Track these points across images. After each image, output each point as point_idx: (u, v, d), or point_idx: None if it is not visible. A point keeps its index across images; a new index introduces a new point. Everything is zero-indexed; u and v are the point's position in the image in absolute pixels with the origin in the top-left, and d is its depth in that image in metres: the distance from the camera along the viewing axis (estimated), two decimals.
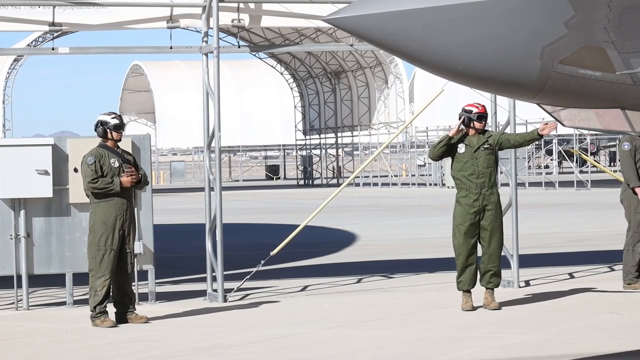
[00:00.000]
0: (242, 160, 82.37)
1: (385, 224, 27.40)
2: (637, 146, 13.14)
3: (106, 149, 11.39)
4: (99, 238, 11.18)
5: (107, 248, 11.16)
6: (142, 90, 78.10)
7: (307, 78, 61.81)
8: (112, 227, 11.18)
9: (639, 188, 13.03)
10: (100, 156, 11.31)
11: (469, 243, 11.73)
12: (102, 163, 11.28)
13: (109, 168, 11.27)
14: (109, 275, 11.18)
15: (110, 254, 11.17)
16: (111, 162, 11.30)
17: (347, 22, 5.92)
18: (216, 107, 13.08)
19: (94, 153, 11.35)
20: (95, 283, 11.18)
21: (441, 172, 52.26)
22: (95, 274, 11.22)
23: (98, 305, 11.15)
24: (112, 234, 11.18)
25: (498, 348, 9.64)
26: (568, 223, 25.82)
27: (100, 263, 11.18)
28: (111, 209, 11.21)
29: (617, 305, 11.87)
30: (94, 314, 11.18)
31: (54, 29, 13.58)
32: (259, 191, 54.58)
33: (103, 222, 11.19)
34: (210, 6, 13.26)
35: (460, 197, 11.84)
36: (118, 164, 11.32)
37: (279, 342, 10.18)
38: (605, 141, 69.81)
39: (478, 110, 11.85)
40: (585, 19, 6.01)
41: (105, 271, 11.17)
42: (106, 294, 11.19)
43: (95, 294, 11.17)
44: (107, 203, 11.22)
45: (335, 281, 14.74)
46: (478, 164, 11.79)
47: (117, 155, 11.38)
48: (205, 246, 13.39)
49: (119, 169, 11.30)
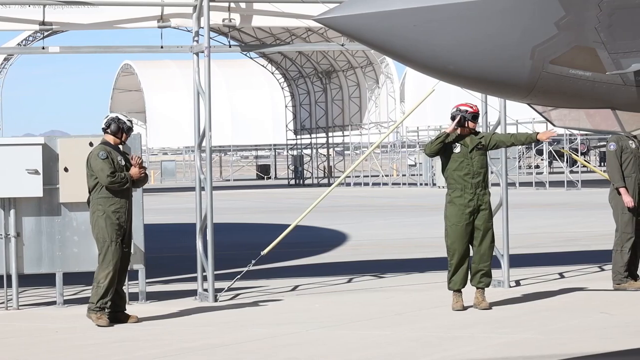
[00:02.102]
0: (233, 160, 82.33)
1: (376, 223, 27.41)
2: (623, 147, 13.16)
3: (110, 146, 11.40)
4: (104, 230, 11.14)
5: (114, 240, 11.14)
6: (133, 90, 78.08)
7: (298, 78, 61.81)
8: (117, 222, 11.19)
9: (624, 188, 13.06)
10: (108, 152, 11.33)
11: (464, 243, 11.73)
12: (112, 158, 11.31)
13: (117, 164, 11.31)
14: (113, 268, 11.10)
15: (116, 246, 11.14)
16: (118, 159, 11.36)
17: (338, 21, 5.92)
18: (207, 107, 13.07)
19: (103, 148, 11.35)
20: (99, 275, 11.16)
21: (432, 172, 52.32)
22: (100, 267, 11.18)
23: (100, 299, 11.06)
24: (118, 227, 11.18)
25: (488, 348, 9.65)
26: (558, 223, 25.86)
27: (105, 255, 11.14)
28: (114, 206, 11.22)
29: (607, 305, 11.89)
30: (93, 306, 11.10)
31: (45, 28, 13.55)
32: (250, 191, 54.57)
33: (108, 216, 11.18)
34: (201, 5, 13.25)
35: (454, 197, 11.82)
36: (124, 162, 11.39)
37: (269, 342, 10.18)
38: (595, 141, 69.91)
39: (472, 110, 11.85)
40: (576, 19, 6.02)
41: (110, 263, 11.10)
42: (108, 287, 11.08)
43: (98, 286, 11.10)
44: (111, 199, 11.22)
45: (325, 281, 14.74)
46: (473, 163, 11.81)
47: (120, 154, 11.43)
48: (195, 246, 13.38)
49: (124, 167, 11.35)
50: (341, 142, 63.09)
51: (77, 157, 12.37)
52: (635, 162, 13.16)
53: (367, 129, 57.32)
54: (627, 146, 13.17)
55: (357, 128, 58.65)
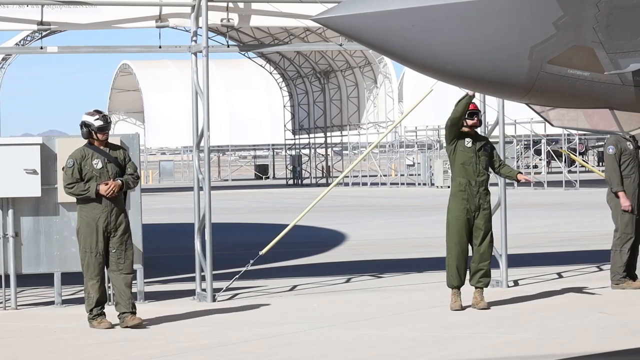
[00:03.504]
0: (231, 160, 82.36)
1: (374, 223, 27.41)
2: (622, 149, 13.16)
3: (92, 148, 11.13)
4: (83, 240, 11.01)
5: (92, 250, 10.97)
6: (131, 90, 78.09)
7: (296, 78, 61.81)
8: (95, 230, 10.97)
9: (622, 192, 13.06)
10: (82, 157, 11.05)
11: (462, 237, 11.73)
12: (83, 165, 11.02)
13: (90, 170, 11.00)
14: (97, 278, 10.99)
15: (95, 256, 10.96)
16: (93, 163, 11.02)
17: (336, 21, 5.92)
18: (205, 107, 13.07)
19: (75, 155, 11.10)
20: (87, 286, 11.04)
21: (430, 172, 52.35)
22: (85, 277, 11.08)
23: (94, 307, 10.99)
24: (96, 236, 10.96)
25: (486, 347, 9.65)
26: (556, 223, 25.86)
27: (87, 266, 11.03)
28: (95, 211, 10.99)
29: (605, 305, 11.90)
30: (90, 316, 11.03)
31: (43, 28, 13.54)
32: (248, 191, 54.56)
33: (87, 225, 10.99)
34: (199, 5, 13.25)
35: (459, 191, 11.80)
36: (101, 165, 11.04)
37: (267, 342, 10.18)
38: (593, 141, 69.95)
39: (471, 107, 11.85)
40: (574, 19, 6.02)
41: (93, 274, 10.99)
42: (99, 297, 11.00)
43: (88, 297, 11.03)
44: (90, 205, 10.99)
45: (324, 281, 14.74)
46: (480, 162, 11.88)
47: (102, 155, 11.10)
48: (194, 246, 13.38)
49: (103, 170, 11.03)
50: (339, 142, 63.09)
51: None
52: (634, 163, 13.17)
53: (365, 129, 57.33)
54: (625, 148, 13.17)
55: (355, 128, 58.66)
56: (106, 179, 11.04)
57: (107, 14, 13.70)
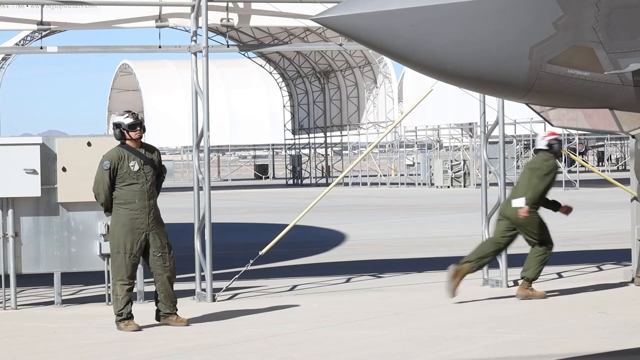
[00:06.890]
0: (231, 160, 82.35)
1: (374, 223, 27.42)
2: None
3: (127, 149, 10.90)
4: (117, 240, 10.81)
5: (127, 251, 10.78)
6: (131, 90, 78.08)
7: (296, 77, 61.82)
8: (130, 230, 10.80)
9: None
10: (118, 158, 10.83)
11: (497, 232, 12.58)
12: (120, 166, 10.81)
13: (127, 172, 10.81)
14: (128, 279, 10.80)
15: (129, 258, 10.79)
16: (130, 165, 10.83)
17: (336, 21, 5.93)
18: (205, 107, 13.07)
19: (111, 156, 10.85)
20: (116, 287, 10.85)
21: (430, 172, 52.34)
22: (114, 277, 10.88)
23: (122, 309, 10.80)
24: (131, 236, 10.79)
25: (486, 347, 9.65)
26: (556, 223, 25.76)
27: (118, 267, 10.81)
28: (133, 212, 10.82)
29: (605, 305, 11.90)
30: (118, 319, 10.85)
31: (42, 28, 13.54)
32: (248, 191, 54.57)
33: (123, 224, 10.80)
34: (199, 5, 13.25)
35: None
36: (138, 167, 10.85)
37: (267, 342, 10.18)
38: (593, 141, 69.96)
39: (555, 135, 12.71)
40: (574, 19, 6.02)
41: (124, 275, 10.78)
42: (128, 299, 10.80)
43: (117, 299, 10.84)
44: (126, 204, 10.82)
45: (324, 281, 14.75)
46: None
47: (138, 156, 10.90)
48: (194, 245, 13.38)
49: (140, 172, 10.85)
50: (339, 142, 63.09)
51: (75, 156, 12.39)
52: None
53: (365, 128, 57.33)
54: None
55: (355, 128, 58.67)
56: (143, 182, 10.90)
57: (107, 14, 13.70)
